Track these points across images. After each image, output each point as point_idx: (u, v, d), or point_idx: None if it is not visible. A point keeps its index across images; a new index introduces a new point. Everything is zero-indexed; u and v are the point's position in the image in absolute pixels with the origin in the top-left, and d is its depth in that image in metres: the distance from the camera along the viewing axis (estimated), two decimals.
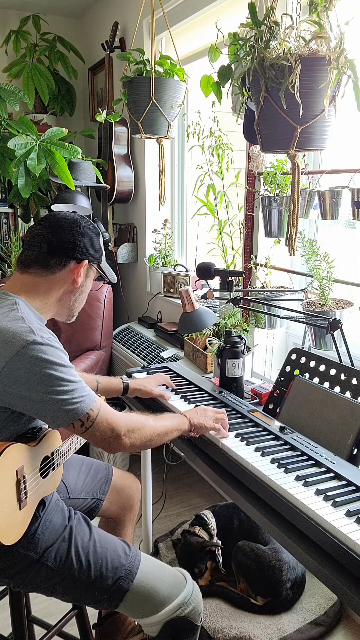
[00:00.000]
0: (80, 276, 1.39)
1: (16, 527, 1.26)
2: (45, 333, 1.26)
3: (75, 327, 3.08)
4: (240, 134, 1.86)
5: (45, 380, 1.19)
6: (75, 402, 1.22)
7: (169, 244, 3.16)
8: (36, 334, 1.21)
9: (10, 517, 1.23)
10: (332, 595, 1.97)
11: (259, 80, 1.41)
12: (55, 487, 1.43)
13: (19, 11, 3.88)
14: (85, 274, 1.41)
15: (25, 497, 1.27)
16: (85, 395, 1.24)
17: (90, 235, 1.40)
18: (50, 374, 1.19)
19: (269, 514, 1.23)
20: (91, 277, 1.45)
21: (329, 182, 1.87)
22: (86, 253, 1.38)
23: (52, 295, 1.37)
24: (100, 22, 3.76)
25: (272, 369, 2.35)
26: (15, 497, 1.24)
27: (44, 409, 1.21)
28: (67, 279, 1.37)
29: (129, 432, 1.30)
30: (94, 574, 1.33)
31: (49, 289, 1.36)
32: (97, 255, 1.42)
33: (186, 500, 2.78)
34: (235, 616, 1.87)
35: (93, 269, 1.44)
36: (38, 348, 1.19)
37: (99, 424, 1.26)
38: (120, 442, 1.29)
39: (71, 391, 1.22)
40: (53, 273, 1.35)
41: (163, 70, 2.25)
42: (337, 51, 1.33)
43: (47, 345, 1.22)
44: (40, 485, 1.34)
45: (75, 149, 2.82)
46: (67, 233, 1.36)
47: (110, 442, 1.29)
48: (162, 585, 1.37)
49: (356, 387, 1.49)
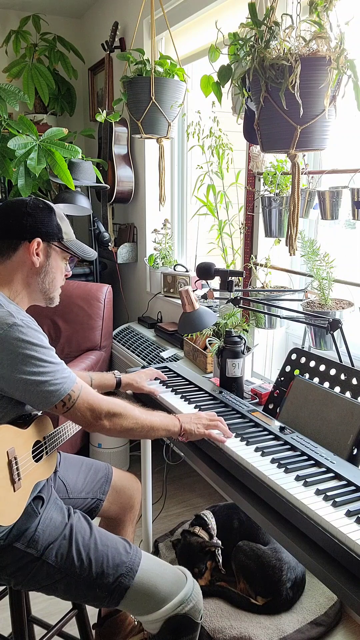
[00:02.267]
0: (36, 255, 1.37)
1: (12, 508, 1.27)
2: (24, 316, 1.30)
3: (75, 327, 3.08)
4: (240, 134, 1.86)
5: (26, 360, 1.23)
6: (56, 383, 1.26)
7: (169, 244, 3.16)
8: (16, 317, 1.26)
9: (5, 497, 1.24)
10: (332, 595, 1.97)
11: (259, 80, 1.41)
12: (50, 472, 1.44)
13: (19, 11, 3.88)
14: (45, 253, 1.40)
15: (18, 478, 1.28)
16: (67, 377, 1.29)
17: (41, 213, 1.38)
18: (32, 355, 1.24)
19: (269, 514, 1.23)
20: (54, 256, 1.42)
21: (329, 182, 1.87)
22: (37, 231, 1.37)
23: (16, 280, 1.38)
24: (100, 22, 3.76)
25: (272, 369, 2.35)
26: (9, 478, 1.26)
27: (27, 390, 1.25)
28: (26, 261, 1.38)
29: (109, 414, 1.34)
30: (95, 572, 1.33)
31: (11, 274, 1.38)
32: (52, 232, 1.40)
33: (186, 500, 2.78)
34: (235, 616, 1.87)
35: (53, 247, 1.41)
36: (18, 329, 1.24)
37: (79, 405, 1.30)
38: (99, 423, 1.33)
39: (52, 372, 1.26)
40: (9, 257, 1.37)
41: (163, 70, 2.25)
42: (337, 51, 1.33)
43: (27, 327, 1.26)
44: (33, 469, 1.35)
45: (75, 149, 2.82)
46: (12, 215, 1.36)
47: (90, 423, 1.33)
48: (162, 583, 1.38)
49: (356, 387, 1.49)
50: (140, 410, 1.43)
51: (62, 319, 3.07)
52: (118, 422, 1.36)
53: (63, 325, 3.08)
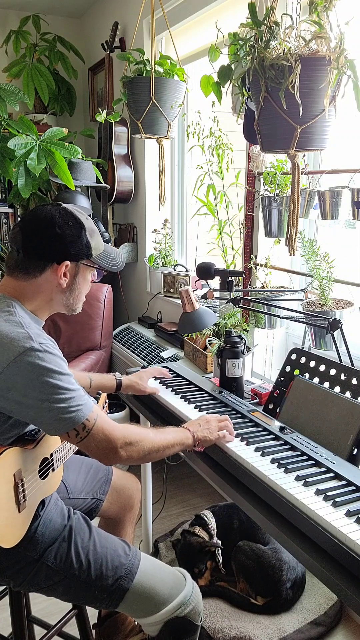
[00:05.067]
0: (64, 277, 1.33)
1: (16, 530, 1.26)
2: (43, 339, 1.23)
3: (75, 327, 3.08)
4: (240, 134, 1.86)
5: (42, 387, 1.18)
6: (71, 411, 1.20)
7: (169, 244, 3.16)
8: (34, 340, 1.20)
9: (9, 520, 1.23)
10: (332, 595, 1.97)
11: (259, 80, 1.41)
12: (56, 487, 1.43)
13: (19, 11, 3.88)
14: (73, 272, 1.35)
15: (24, 500, 1.26)
16: (83, 405, 1.22)
17: (69, 233, 1.31)
18: (48, 382, 1.18)
19: (269, 514, 1.23)
20: (83, 273, 1.38)
21: (329, 182, 1.87)
22: (65, 253, 1.31)
23: (40, 297, 1.34)
24: (100, 22, 3.76)
25: (272, 369, 2.35)
26: (14, 501, 1.24)
27: (40, 416, 1.20)
28: (52, 281, 1.32)
29: (125, 444, 1.27)
30: (94, 574, 1.33)
31: (36, 292, 1.33)
32: (80, 252, 1.33)
33: (186, 500, 2.77)
34: (235, 616, 1.87)
35: (82, 265, 1.36)
36: (36, 355, 1.18)
37: (94, 435, 1.24)
38: (116, 455, 1.27)
39: (68, 399, 1.20)
40: (35, 277, 1.31)
41: (163, 70, 2.25)
42: (337, 51, 1.33)
43: (46, 352, 1.20)
44: (39, 487, 1.34)
45: (75, 149, 2.82)
46: (41, 236, 1.29)
47: (106, 454, 1.27)
48: (162, 585, 1.37)
49: (356, 387, 1.49)
50: (153, 432, 1.38)
51: (62, 319, 3.07)
52: (134, 449, 1.29)
53: (63, 325, 3.08)
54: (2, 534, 1.20)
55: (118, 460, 1.29)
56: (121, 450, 1.27)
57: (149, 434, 1.35)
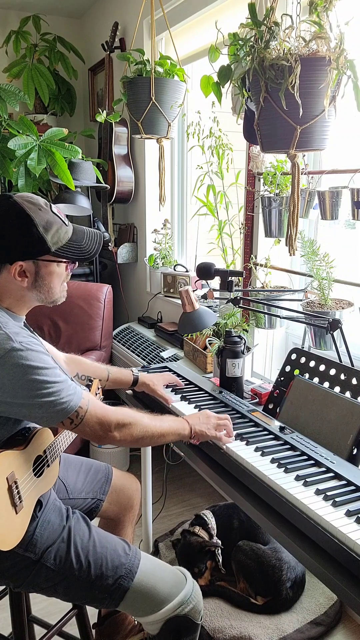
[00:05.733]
0: (20, 277, 1.27)
1: (14, 532, 1.25)
2: (23, 337, 1.23)
3: (75, 327, 3.08)
4: (240, 134, 1.86)
5: (29, 385, 1.19)
6: (62, 402, 1.22)
7: (169, 244, 3.16)
8: (14, 340, 1.19)
9: (6, 523, 1.23)
10: (332, 595, 1.97)
11: (259, 80, 1.41)
12: (53, 482, 1.43)
13: (19, 11, 3.88)
14: (32, 271, 1.28)
15: (20, 501, 1.26)
16: (72, 394, 1.24)
17: (15, 231, 1.23)
18: (34, 379, 1.19)
19: (269, 514, 1.23)
20: (47, 269, 1.30)
21: (329, 182, 1.87)
22: (15, 253, 1.24)
23: (10, 296, 1.30)
24: (100, 22, 3.76)
25: (272, 369, 2.35)
26: (10, 503, 1.24)
27: (33, 412, 1.22)
28: (14, 281, 1.27)
29: (118, 426, 1.30)
30: (94, 574, 1.33)
31: (4, 292, 1.30)
32: (32, 250, 1.25)
33: (186, 500, 2.78)
34: (235, 616, 1.87)
35: (41, 261, 1.28)
36: (18, 355, 1.18)
37: (88, 420, 1.26)
38: (109, 436, 1.30)
39: (57, 392, 1.21)
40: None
41: (163, 71, 2.25)
42: (337, 51, 1.33)
43: (27, 350, 1.20)
44: (36, 485, 1.34)
45: (75, 149, 2.82)
46: None
47: (100, 436, 1.30)
48: (162, 584, 1.37)
49: (356, 387, 1.49)
50: (149, 417, 1.39)
51: (62, 319, 3.08)
52: (128, 432, 1.31)
53: (63, 325, 3.08)
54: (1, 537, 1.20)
55: (112, 441, 1.31)
56: (115, 431, 1.29)
57: (144, 418, 1.36)
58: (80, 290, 3.12)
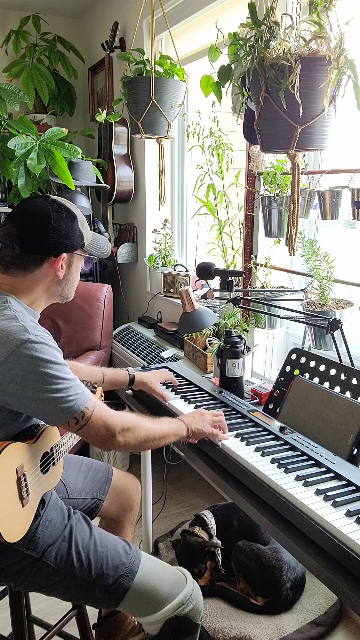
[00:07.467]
0: (61, 269, 1.35)
1: (20, 524, 1.26)
2: (39, 331, 1.26)
3: (75, 327, 3.08)
4: (240, 134, 1.86)
5: (40, 378, 1.20)
6: (70, 400, 1.22)
7: (169, 244, 3.16)
8: (30, 333, 1.22)
9: (13, 515, 1.24)
10: (332, 595, 1.97)
11: (259, 80, 1.41)
12: (57, 481, 1.44)
13: (19, 11, 3.88)
14: (68, 263, 1.37)
15: (27, 494, 1.27)
16: (80, 393, 1.25)
17: (65, 226, 1.33)
18: (46, 372, 1.20)
19: (269, 514, 1.23)
20: (76, 263, 1.41)
21: (329, 182, 1.87)
22: (62, 246, 1.33)
23: (37, 290, 1.35)
24: (100, 22, 3.76)
25: (272, 369, 2.35)
26: (17, 495, 1.25)
27: (40, 407, 1.22)
28: (49, 274, 1.34)
29: (123, 430, 1.30)
30: (94, 573, 1.33)
31: (33, 286, 1.34)
32: (75, 243, 1.36)
33: (186, 500, 2.77)
34: (235, 616, 1.87)
35: (76, 255, 1.39)
36: (32, 346, 1.20)
37: (93, 422, 1.26)
38: (114, 440, 1.30)
39: (66, 389, 1.22)
40: (32, 272, 1.33)
41: (163, 70, 2.25)
42: (337, 51, 1.33)
43: (41, 343, 1.22)
44: (41, 481, 1.35)
45: (75, 149, 2.82)
46: (38, 231, 1.30)
47: (104, 440, 1.29)
48: (162, 584, 1.37)
49: (356, 387, 1.49)
50: (149, 420, 1.40)
51: (62, 319, 3.07)
52: (131, 436, 1.32)
53: (63, 325, 3.08)
54: (7, 528, 1.21)
55: (116, 446, 1.31)
56: (119, 436, 1.30)
57: (145, 422, 1.37)
58: (80, 290, 3.09)
